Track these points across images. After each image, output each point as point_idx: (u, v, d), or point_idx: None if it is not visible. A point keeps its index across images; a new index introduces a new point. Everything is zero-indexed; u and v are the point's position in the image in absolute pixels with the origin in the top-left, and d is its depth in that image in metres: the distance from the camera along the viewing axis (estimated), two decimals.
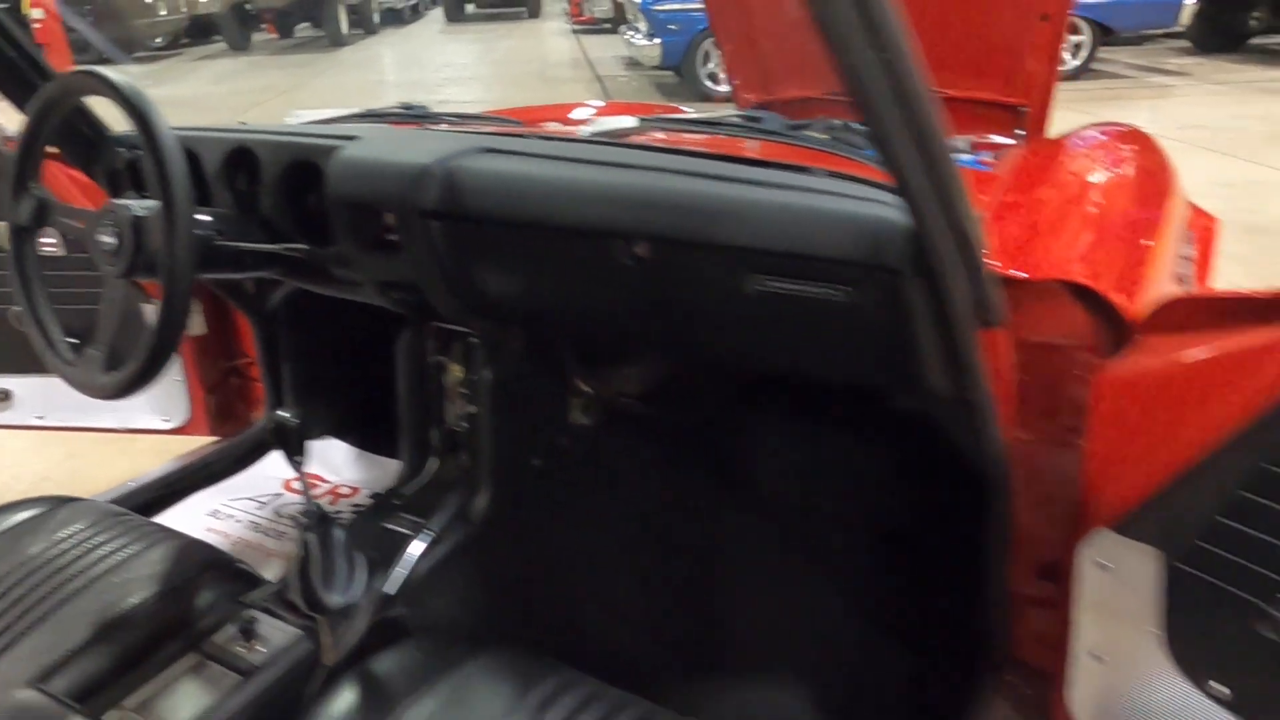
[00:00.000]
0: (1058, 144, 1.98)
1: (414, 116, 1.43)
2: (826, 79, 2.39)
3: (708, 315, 1.02)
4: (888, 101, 0.69)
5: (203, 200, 1.30)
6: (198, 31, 13.93)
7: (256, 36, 14.41)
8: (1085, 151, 1.88)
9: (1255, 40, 9.35)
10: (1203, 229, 1.66)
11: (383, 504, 1.34)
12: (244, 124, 1.44)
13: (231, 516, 1.68)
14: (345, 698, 1.01)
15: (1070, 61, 8.54)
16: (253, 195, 1.28)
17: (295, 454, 1.32)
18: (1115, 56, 9.69)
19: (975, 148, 1.95)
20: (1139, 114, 6.87)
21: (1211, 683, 0.95)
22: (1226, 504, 0.87)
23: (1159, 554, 0.94)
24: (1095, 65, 9.24)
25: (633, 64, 9.68)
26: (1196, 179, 5.05)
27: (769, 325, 0.99)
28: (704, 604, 1.46)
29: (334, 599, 1.08)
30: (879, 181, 0.93)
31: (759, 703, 1.33)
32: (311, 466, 1.83)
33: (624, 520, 1.52)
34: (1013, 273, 1.01)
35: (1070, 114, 7.16)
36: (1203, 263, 1.58)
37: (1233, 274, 3.83)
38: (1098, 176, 1.63)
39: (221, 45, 13.66)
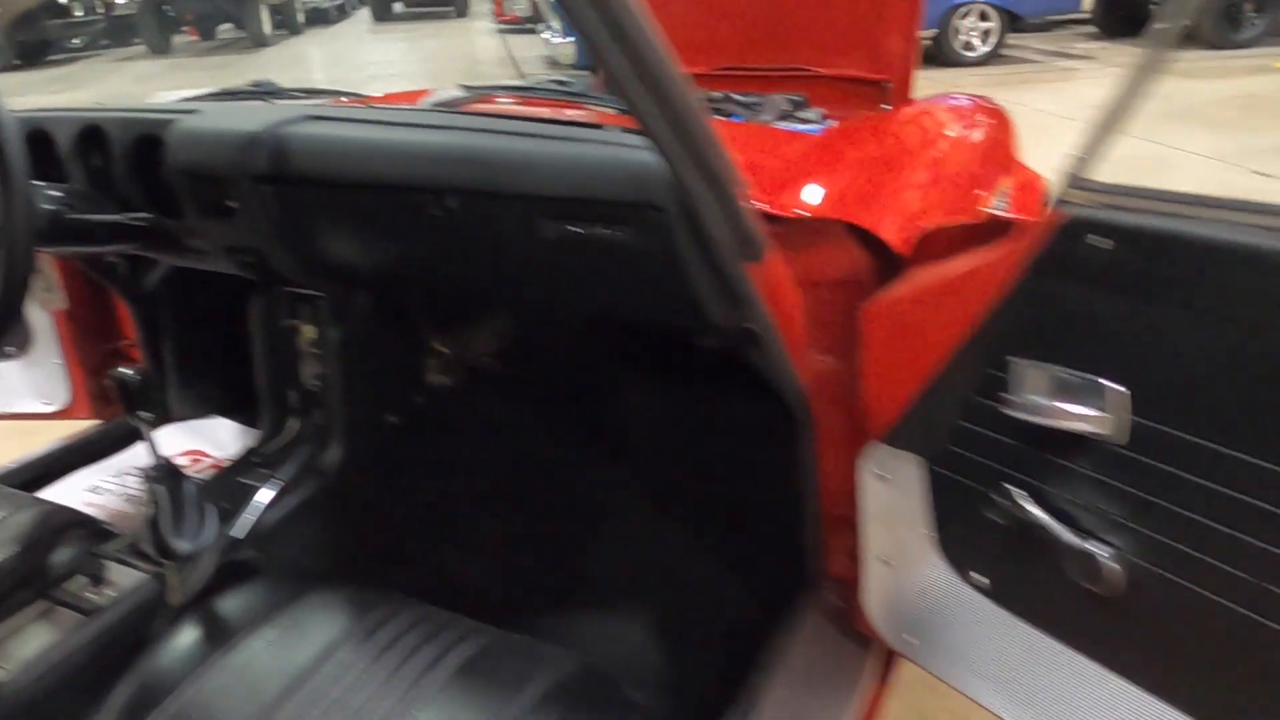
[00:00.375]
0: (894, 113, 2.10)
1: (263, 93, 1.49)
2: (715, 57, 2.49)
3: (517, 261, 1.11)
4: (618, 55, 0.77)
5: (58, 178, 1.35)
6: (117, 34, 13.64)
7: (177, 39, 14.15)
8: (916, 117, 1.99)
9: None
10: (1026, 186, 1.79)
11: (241, 462, 1.40)
12: (99, 105, 1.49)
13: (110, 491, 1.71)
14: (188, 633, 1.08)
15: (980, 48, 8.83)
16: (106, 171, 1.33)
17: (138, 409, 1.37)
18: (1024, 43, 10.01)
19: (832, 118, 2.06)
20: (1043, 97, 7.14)
21: (972, 573, 1.06)
22: (963, 408, 0.97)
23: (920, 460, 1.05)
24: (1005, 51, 9.54)
25: (553, 63, 9.75)
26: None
27: (570, 268, 1.08)
28: (558, 547, 1.55)
29: (182, 545, 1.14)
30: None
31: (605, 631, 1.42)
32: (197, 444, 1.88)
33: (483, 472, 1.60)
34: (796, 211, 1.11)
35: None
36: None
37: None
38: (912, 135, 1.75)
39: (142, 48, 13.40)
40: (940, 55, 8.84)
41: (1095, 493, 0.88)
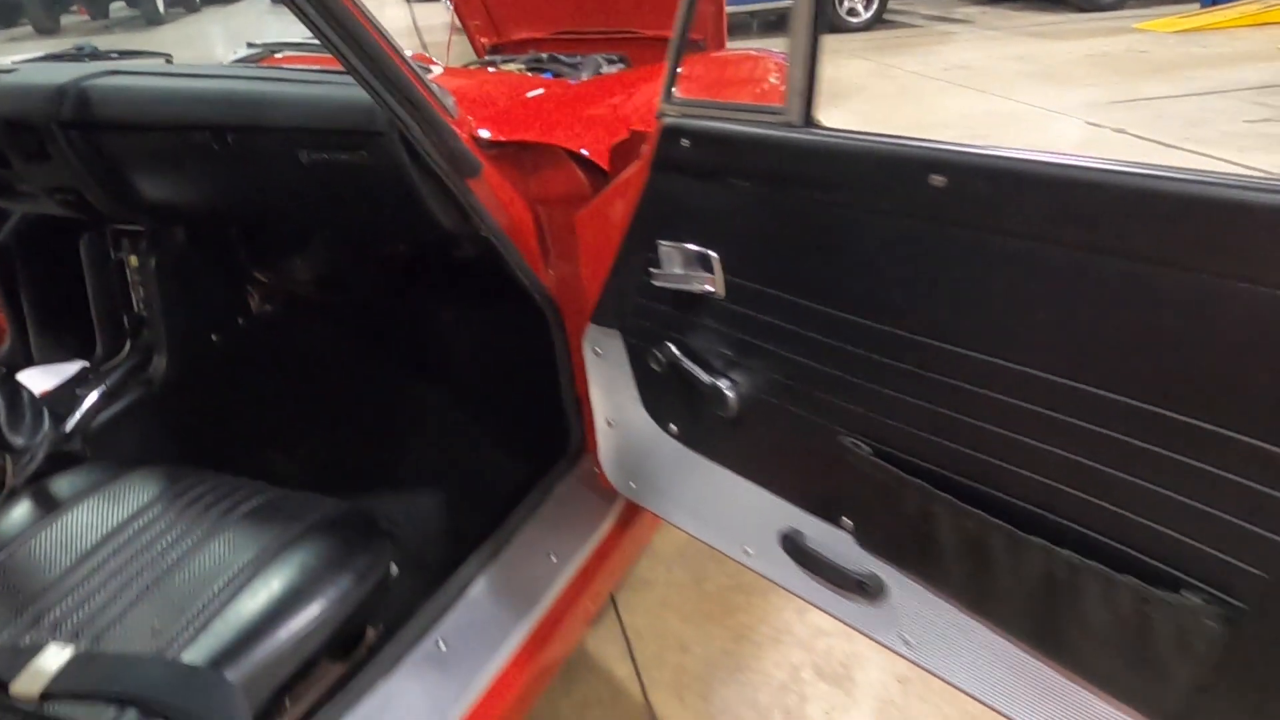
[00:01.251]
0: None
1: (84, 55, 1.67)
2: (549, 22, 2.74)
3: (288, 186, 1.33)
4: (317, 14, 0.99)
5: None
6: (2, 13, 13.19)
7: (67, 19, 13.75)
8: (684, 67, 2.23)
9: None
10: None
11: (78, 376, 1.60)
12: None
13: None
14: (20, 509, 1.28)
15: (864, 14, 9.16)
16: None
17: None
18: (910, 7, 10.42)
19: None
20: (914, 58, 7.50)
21: (670, 424, 1.32)
22: (634, 286, 1.23)
23: (618, 333, 1.31)
24: (889, 16, 9.91)
25: (459, 30, 9.81)
26: (948, 112, 5.63)
27: (331, 189, 1.30)
28: (365, 441, 1.78)
29: (17, 440, 1.34)
30: None
31: (398, 501, 1.65)
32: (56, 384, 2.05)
33: (301, 383, 1.82)
34: (517, 136, 1.34)
35: (857, 61, 7.68)
36: None
37: None
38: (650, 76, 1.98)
39: (29, 29, 13.00)
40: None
41: (714, 339, 1.14)
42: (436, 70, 1.58)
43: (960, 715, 1.55)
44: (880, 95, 6.23)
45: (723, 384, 1.14)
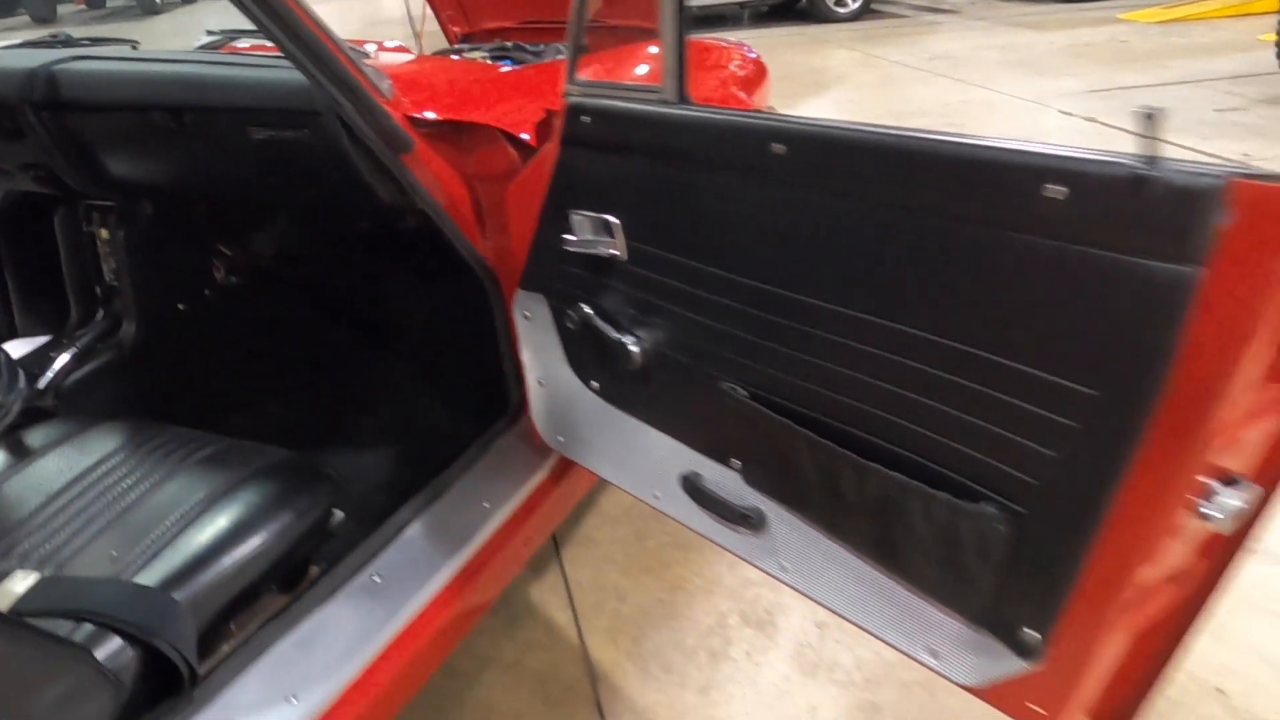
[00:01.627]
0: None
1: (59, 43, 1.78)
2: (517, 12, 2.88)
3: (242, 163, 1.45)
4: (253, 7, 1.10)
5: None
6: (3, 5, 13.27)
7: (64, 7, 13.84)
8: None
9: None
10: None
11: (53, 340, 1.72)
12: None
13: None
14: None
15: (851, 4, 9.24)
16: None
17: None
18: None
19: None
20: (899, 48, 7.59)
21: (592, 382, 1.44)
22: (554, 252, 1.35)
23: (542, 297, 1.43)
24: (877, 6, 9.99)
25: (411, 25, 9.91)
26: (926, 101, 5.72)
27: (277, 166, 1.42)
28: (323, 404, 1.90)
29: None
30: None
31: (358, 456, 1.77)
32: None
33: (265, 349, 1.94)
34: (452, 116, 1.45)
35: (842, 51, 7.75)
36: None
37: None
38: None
39: (26, 18, 13.10)
40: (813, 11, 9.25)
41: (621, 299, 1.26)
42: (381, 53, 1.69)
43: (872, 656, 1.67)
44: (862, 84, 6.33)
45: (628, 340, 1.26)
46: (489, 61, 2.60)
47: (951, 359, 0.85)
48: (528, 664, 1.71)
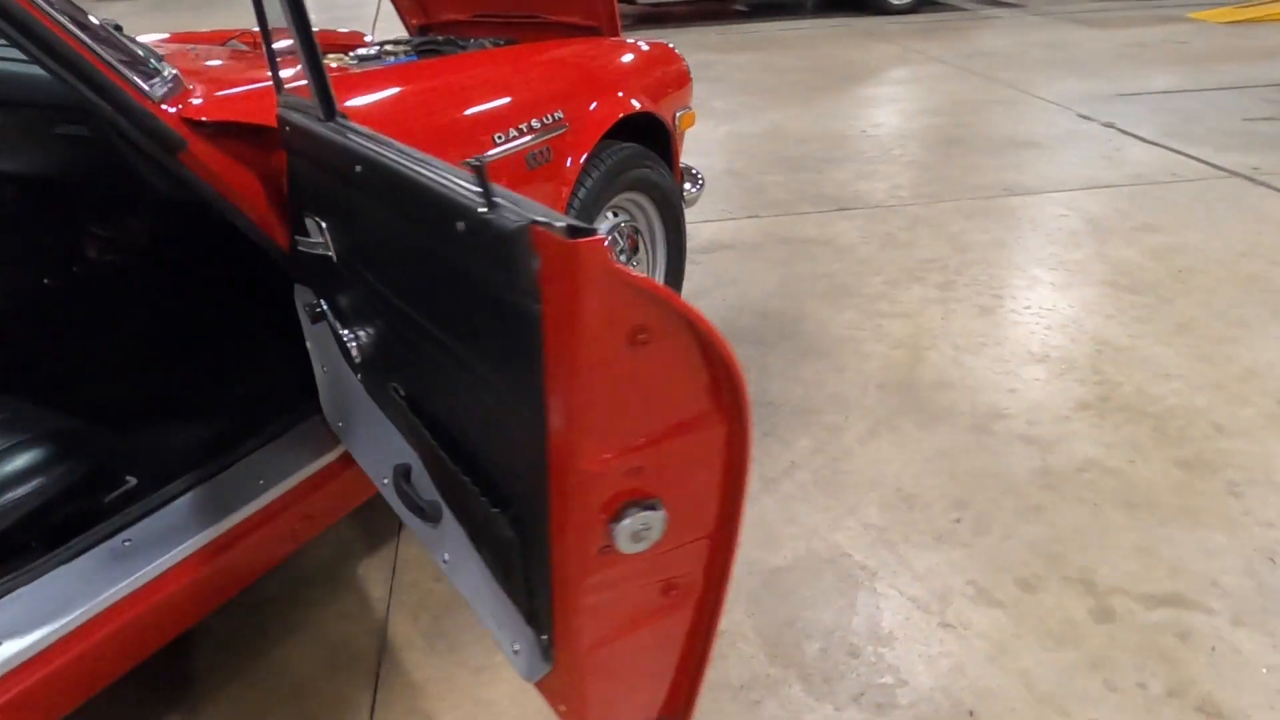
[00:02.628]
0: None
1: None
2: (472, 5, 2.98)
3: (55, 155, 1.58)
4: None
5: None
6: None
7: None
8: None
9: None
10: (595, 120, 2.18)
11: None
12: None
13: None
14: None
15: None
16: None
17: None
18: None
19: None
20: (942, 44, 7.41)
21: (357, 372, 1.53)
22: (301, 249, 1.43)
23: (309, 289, 1.52)
24: None
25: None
26: (945, 99, 5.61)
27: (78, 158, 1.54)
28: (155, 380, 2.00)
29: None
30: None
31: (169, 431, 1.87)
32: None
33: (117, 325, 2.07)
34: (223, 118, 1.54)
35: (883, 45, 7.62)
36: None
37: (915, 179, 4.47)
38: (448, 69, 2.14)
39: None
40: (871, 2, 9.08)
41: (342, 296, 1.34)
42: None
43: None
44: (887, 80, 6.22)
45: (346, 335, 1.34)
46: (408, 57, 2.70)
47: (450, 368, 0.91)
48: (329, 632, 1.82)
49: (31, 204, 1.90)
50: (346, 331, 1.34)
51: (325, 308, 1.39)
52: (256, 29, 3.00)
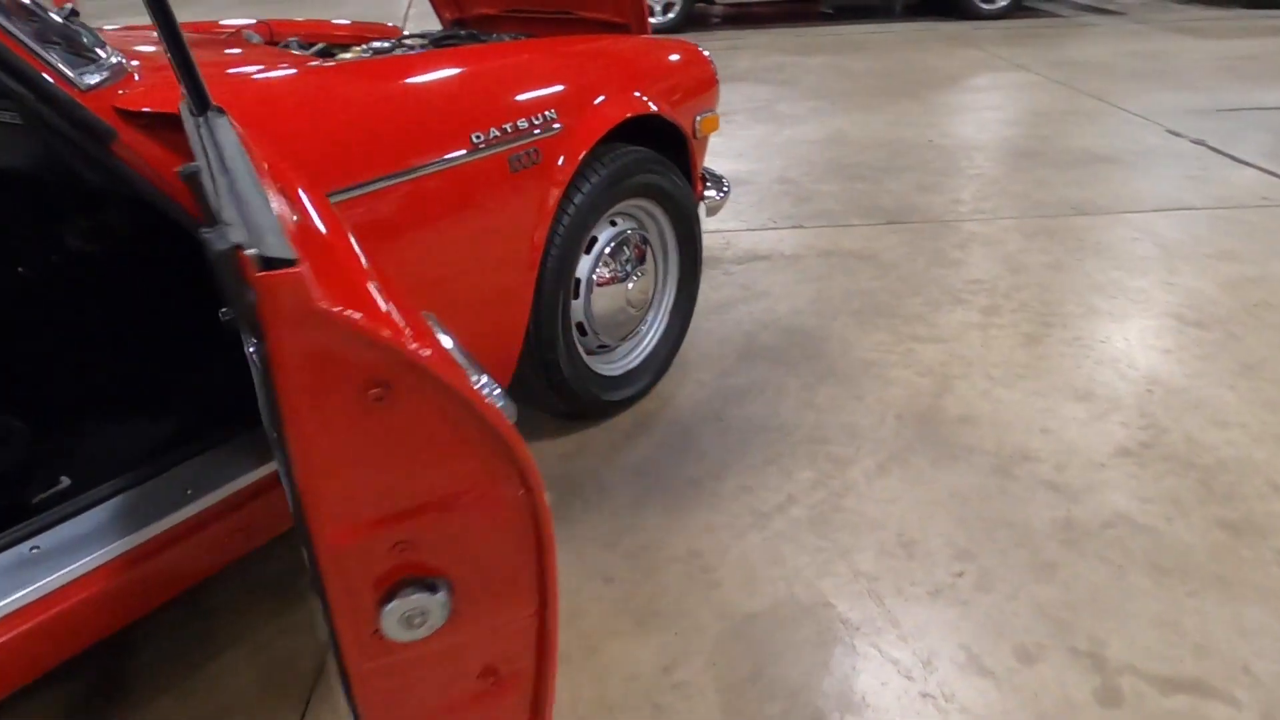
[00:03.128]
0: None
1: None
2: (485, 2, 2.92)
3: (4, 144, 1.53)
4: None
5: None
6: None
7: None
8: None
9: None
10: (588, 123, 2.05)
11: None
12: None
13: None
14: None
15: (999, 1, 8.66)
16: None
17: None
18: None
19: None
20: (1030, 51, 7.06)
21: None
22: None
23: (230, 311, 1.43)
24: (1033, 4, 9.32)
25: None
26: (1021, 109, 5.32)
27: (30, 146, 1.50)
28: (113, 373, 1.95)
29: None
30: None
31: (120, 432, 1.81)
32: None
33: (102, 317, 2.03)
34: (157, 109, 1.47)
35: (970, 51, 7.33)
36: None
37: (991, 190, 4.22)
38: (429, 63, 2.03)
39: None
40: (961, 6, 8.73)
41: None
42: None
43: None
44: (967, 88, 5.93)
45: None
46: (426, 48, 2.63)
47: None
48: (274, 648, 1.74)
49: (8, 192, 1.88)
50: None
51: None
52: (281, 19, 2.96)
